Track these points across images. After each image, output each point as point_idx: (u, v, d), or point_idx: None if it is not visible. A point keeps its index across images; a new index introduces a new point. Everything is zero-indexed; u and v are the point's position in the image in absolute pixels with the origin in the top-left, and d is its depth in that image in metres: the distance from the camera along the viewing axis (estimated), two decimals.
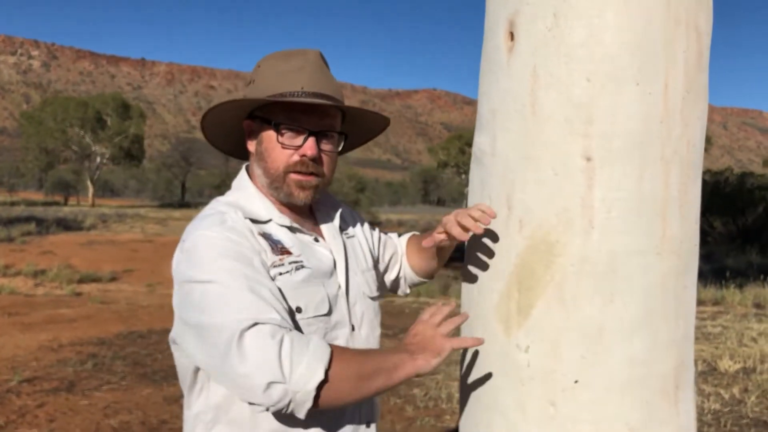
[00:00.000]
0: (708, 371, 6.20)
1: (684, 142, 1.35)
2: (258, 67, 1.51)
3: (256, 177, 1.53)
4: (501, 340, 1.39)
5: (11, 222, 23.43)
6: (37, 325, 8.80)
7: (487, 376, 1.43)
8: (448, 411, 5.15)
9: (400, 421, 4.93)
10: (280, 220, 1.49)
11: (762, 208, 19.55)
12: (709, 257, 17.01)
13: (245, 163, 1.60)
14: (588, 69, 1.30)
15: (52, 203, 50.42)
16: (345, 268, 1.55)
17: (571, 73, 1.31)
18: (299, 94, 1.43)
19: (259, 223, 1.46)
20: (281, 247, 1.44)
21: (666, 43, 1.31)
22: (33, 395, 5.50)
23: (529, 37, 1.36)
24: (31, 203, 45.54)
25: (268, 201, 1.50)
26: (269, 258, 1.40)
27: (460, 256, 1.57)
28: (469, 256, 1.51)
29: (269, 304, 1.29)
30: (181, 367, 1.47)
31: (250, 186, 1.52)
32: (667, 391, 1.37)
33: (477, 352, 1.45)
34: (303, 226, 1.52)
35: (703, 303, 10.84)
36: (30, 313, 9.96)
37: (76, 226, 25.80)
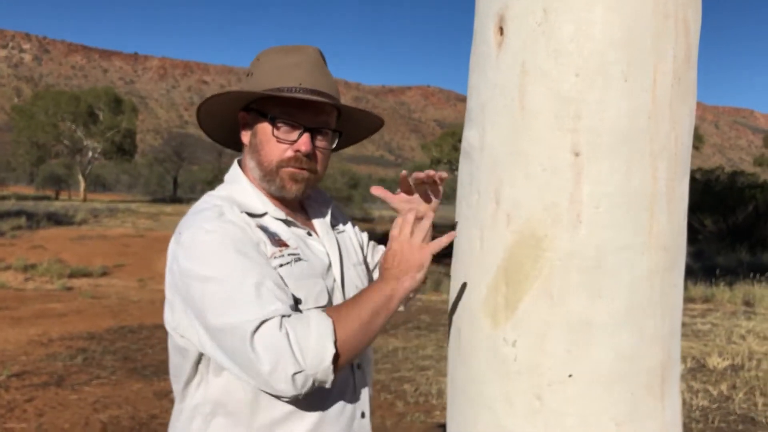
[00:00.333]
0: (697, 368, 6.24)
1: (672, 138, 1.35)
2: (257, 60, 1.52)
3: (249, 169, 1.53)
4: (488, 334, 1.39)
5: (1, 216, 23.27)
6: (27, 320, 8.77)
7: (475, 370, 1.43)
8: (438, 407, 5.16)
9: (390, 416, 4.94)
10: (276, 213, 1.50)
11: (752, 206, 19.65)
12: (699, 255, 17.09)
13: (237, 158, 1.61)
14: (577, 64, 1.30)
15: (43, 198, 50.10)
16: (339, 261, 1.56)
17: (560, 68, 1.31)
18: (296, 89, 1.44)
19: (255, 216, 1.46)
20: (279, 239, 1.45)
21: (655, 39, 1.31)
22: (22, 389, 5.48)
23: (519, 31, 1.36)
24: (21, 197, 45.28)
25: (262, 194, 1.51)
26: (269, 250, 1.41)
27: (451, 252, 1.57)
28: (458, 251, 1.51)
29: (272, 295, 1.30)
30: (179, 358, 1.46)
31: (244, 179, 1.53)
32: (653, 386, 1.38)
33: (465, 345, 1.45)
34: (296, 220, 1.53)
35: (693, 300, 10.90)
36: (20, 308, 9.92)
37: (67, 221, 25.68)
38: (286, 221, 1.51)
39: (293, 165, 1.47)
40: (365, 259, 1.72)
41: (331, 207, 1.68)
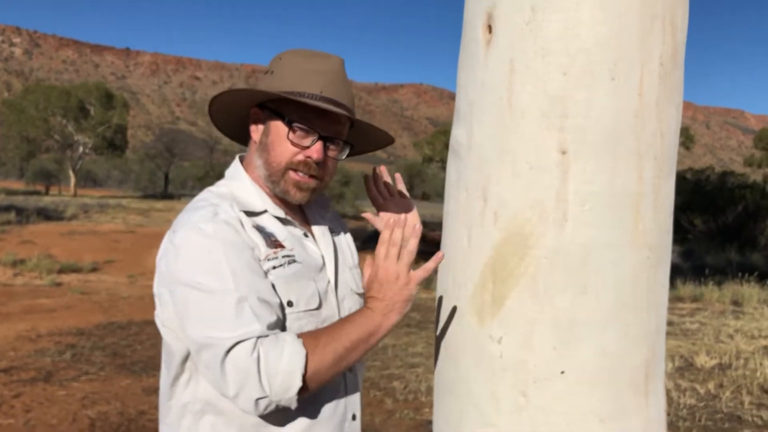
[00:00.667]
0: (685, 367, 6.28)
1: (658, 137, 1.36)
2: (279, 60, 1.51)
3: (254, 167, 1.53)
4: (475, 331, 1.40)
5: None
6: (16, 315, 8.73)
7: (461, 367, 1.44)
8: (427, 404, 5.17)
9: (379, 413, 4.95)
10: (275, 211, 1.50)
11: (742, 207, 19.77)
12: (689, 255, 17.18)
13: (239, 154, 1.61)
14: (564, 63, 1.31)
15: (33, 192, 49.83)
16: (334, 264, 1.57)
17: (548, 66, 1.32)
18: (317, 96, 1.45)
19: (254, 215, 1.46)
20: (274, 240, 1.45)
21: (642, 38, 1.32)
22: (9, 385, 5.46)
23: (507, 30, 1.36)
24: (11, 192, 45.00)
25: (263, 192, 1.51)
26: (262, 252, 1.41)
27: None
28: (445, 249, 1.52)
29: (253, 314, 1.31)
30: (167, 353, 1.47)
31: (245, 176, 1.53)
32: (638, 384, 1.39)
33: (452, 342, 1.46)
34: (294, 220, 1.54)
35: (682, 300, 10.97)
36: (8, 303, 9.87)
37: (57, 216, 25.56)
38: (284, 220, 1.51)
39: (301, 170, 1.47)
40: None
41: (329, 208, 1.69)
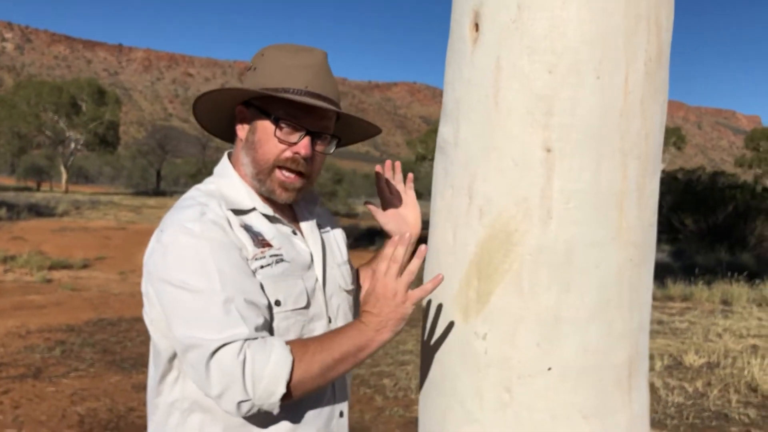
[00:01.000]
0: (674, 365, 6.31)
1: (643, 136, 1.37)
2: (261, 56, 1.50)
3: (241, 165, 1.52)
4: (460, 327, 1.40)
5: None
6: (5, 312, 8.68)
7: (446, 364, 1.44)
8: (417, 401, 5.18)
9: (369, 410, 4.96)
10: (263, 209, 1.49)
11: (732, 207, 19.87)
12: (679, 254, 17.25)
13: (227, 150, 1.60)
14: (550, 61, 1.31)
15: (24, 189, 49.53)
16: (322, 261, 1.56)
17: (534, 64, 1.32)
18: (302, 92, 1.44)
19: (242, 213, 1.46)
20: (262, 239, 1.44)
21: (627, 38, 1.33)
22: None
23: (494, 28, 1.37)
24: (2, 188, 44.72)
25: (251, 189, 1.50)
26: (250, 252, 1.40)
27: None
28: (431, 245, 1.53)
29: (240, 316, 1.30)
30: (155, 351, 1.47)
31: (233, 173, 1.52)
32: (621, 381, 1.40)
33: (437, 339, 1.47)
34: (283, 217, 1.53)
35: (672, 299, 11.01)
36: None
37: (48, 212, 25.45)
38: (272, 218, 1.50)
39: (289, 167, 1.46)
40: (350, 260, 1.72)
41: (318, 204, 1.68)
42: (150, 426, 1.51)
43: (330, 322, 1.52)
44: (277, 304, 1.40)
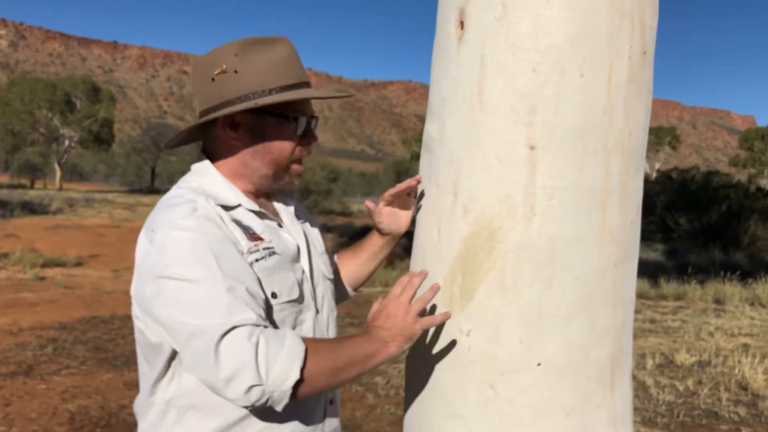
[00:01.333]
0: (665, 364, 6.34)
1: (626, 134, 1.38)
2: (237, 57, 1.44)
3: (234, 169, 1.50)
4: (444, 324, 1.41)
5: None
6: None
7: (431, 360, 1.45)
8: None
9: (360, 408, 4.97)
10: (249, 205, 1.48)
11: (726, 206, 19.95)
12: (673, 253, 17.32)
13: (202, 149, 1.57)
14: (534, 59, 1.32)
15: (18, 186, 49.34)
16: (307, 252, 1.56)
17: (518, 62, 1.33)
18: (301, 84, 1.47)
19: (229, 209, 1.45)
20: (253, 233, 1.44)
21: (611, 36, 1.34)
22: None
23: (478, 26, 1.37)
24: None
25: (234, 186, 1.50)
26: (244, 246, 1.40)
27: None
28: (417, 243, 1.53)
29: (245, 303, 1.29)
30: (151, 353, 1.42)
31: (214, 171, 1.50)
32: (604, 377, 1.41)
33: (422, 335, 1.47)
34: (267, 211, 1.53)
35: (665, 298, 11.06)
36: None
37: (41, 210, 25.36)
38: (259, 213, 1.49)
39: (303, 157, 1.52)
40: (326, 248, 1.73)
41: (294, 197, 1.69)
42: (142, 425, 1.48)
43: (317, 312, 1.53)
44: (273, 296, 1.40)
